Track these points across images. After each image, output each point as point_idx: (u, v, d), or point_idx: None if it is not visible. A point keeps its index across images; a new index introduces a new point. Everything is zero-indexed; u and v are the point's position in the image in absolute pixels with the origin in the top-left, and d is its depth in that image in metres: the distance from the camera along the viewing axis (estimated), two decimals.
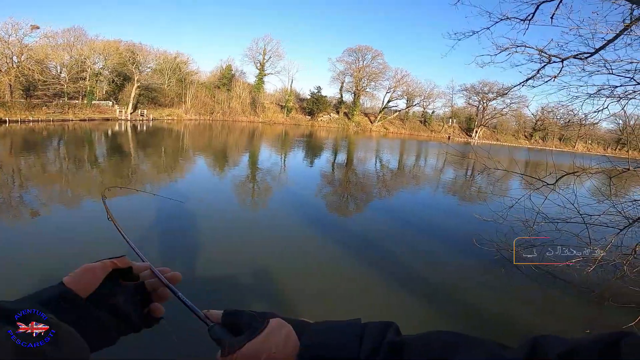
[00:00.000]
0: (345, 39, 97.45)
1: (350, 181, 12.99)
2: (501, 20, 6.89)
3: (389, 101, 55.83)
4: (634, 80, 4.81)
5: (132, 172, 11.17)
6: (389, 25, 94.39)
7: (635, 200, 4.90)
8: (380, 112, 56.00)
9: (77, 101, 32.49)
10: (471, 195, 12.37)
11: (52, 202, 7.21)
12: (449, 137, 53.22)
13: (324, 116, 53.56)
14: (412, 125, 57.10)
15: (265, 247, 5.54)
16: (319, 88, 53.01)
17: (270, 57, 51.36)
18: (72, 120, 27.83)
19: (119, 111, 33.91)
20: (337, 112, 54.90)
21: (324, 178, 13.10)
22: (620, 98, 4.88)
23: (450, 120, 58.60)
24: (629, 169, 4.65)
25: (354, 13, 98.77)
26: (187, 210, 6.91)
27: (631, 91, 4.84)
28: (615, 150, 46.14)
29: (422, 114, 58.54)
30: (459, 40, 7.54)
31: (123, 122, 31.92)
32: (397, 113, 57.44)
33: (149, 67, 39.41)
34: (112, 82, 36.35)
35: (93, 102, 33.50)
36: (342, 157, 20.91)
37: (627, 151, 5.26)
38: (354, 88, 53.73)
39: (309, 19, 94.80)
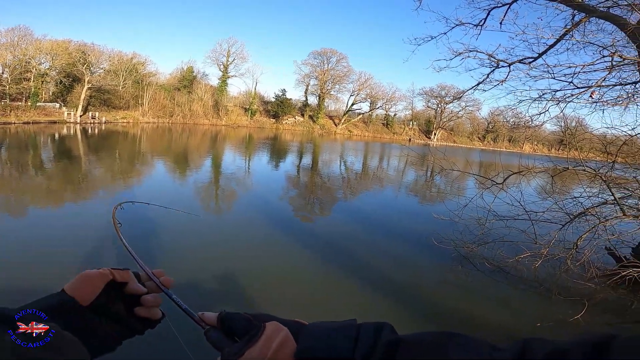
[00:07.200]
0: (310, 42, 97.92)
1: (316, 184, 12.95)
2: (457, 25, 7.20)
3: (352, 104, 56.78)
4: (572, 84, 5.19)
5: (83, 178, 10.35)
6: (353, 29, 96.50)
7: (575, 197, 5.29)
8: (344, 115, 56.73)
9: (20, 103, 29.97)
10: (430, 196, 12.80)
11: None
12: (410, 139, 55.12)
13: (288, 119, 53.28)
14: (375, 128, 58.47)
15: (230, 252, 5.32)
16: (283, 91, 52.72)
17: (234, 60, 50.39)
18: (14, 123, 25.45)
19: (67, 113, 31.54)
20: (302, 115, 54.88)
21: (289, 181, 12.95)
22: (560, 101, 5.24)
23: (411, 123, 60.76)
24: (568, 168, 5.00)
25: (319, 17, 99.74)
26: (143, 217, 6.46)
27: (569, 94, 5.21)
28: (558, 150, 50.15)
29: (385, 117, 60.14)
30: (419, 45, 7.80)
31: (72, 125, 29.66)
32: (361, 116, 58.55)
33: (102, 68, 37.20)
34: (60, 83, 33.94)
35: (38, 104, 31.12)
36: (307, 160, 20.86)
37: (567, 151, 5.67)
38: (319, 91, 54.06)
39: (275, 21, 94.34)
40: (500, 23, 6.81)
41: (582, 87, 5.09)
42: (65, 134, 23.62)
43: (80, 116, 32.47)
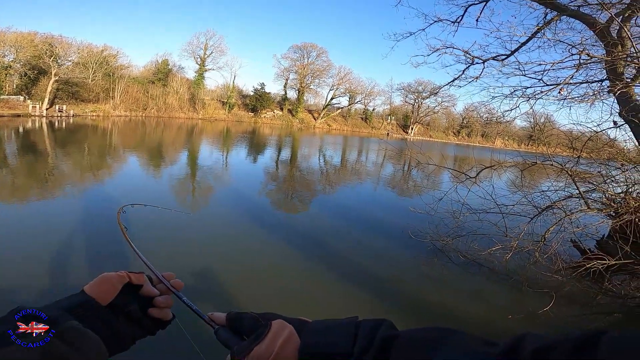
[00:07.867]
0: (290, 36, 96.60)
1: (295, 178, 12.85)
2: (435, 22, 7.27)
3: (332, 98, 56.77)
4: (542, 81, 5.34)
5: (49, 173, 9.77)
6: (334, 23, 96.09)
7: (543, 191, 5.48)
8: (323, 109, 56.64)
9: None
10: (408, 190, 12.98)
11: None
12: (388, 133, 55.77)
13: (267, 113, 52.61)
14: (354, 122, 58.78)
15: (210, 249, 5.16)
16: (262, 84, 51.90)
17: (212, 53, 49.10)
18: None
19: (32, 107, 29.80)
20: (281, 109, 54.34)
21: (268, 175, 12.78)
22: (530, 98, 5.39)
23: (389, 118, 61.49)
24: (536, 163, 5.17)
25: (300, 10, 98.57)
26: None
27: (539, 91, 5.36)
28: (527, 145, 52.20)
29: (364, 111, 60.56)
30: (398, 41, 7.85)
31: (37, 118, 28.01)
32: (340, 110, 58.66)
33: (70, 60, 35.42)
34: (25, 75, 32.19)
35: (1, 97, 29.40)
36: (286, 154, 20.67)
37: (536, 146, 5.85)
38: (298, 85, 53.64)
39: (254, 14, 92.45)
40: (477, 20, 6.93)
41: (551, 85, 5.25)
42: (30, 127, 22.24)
43: (47, 109, 30.80)
